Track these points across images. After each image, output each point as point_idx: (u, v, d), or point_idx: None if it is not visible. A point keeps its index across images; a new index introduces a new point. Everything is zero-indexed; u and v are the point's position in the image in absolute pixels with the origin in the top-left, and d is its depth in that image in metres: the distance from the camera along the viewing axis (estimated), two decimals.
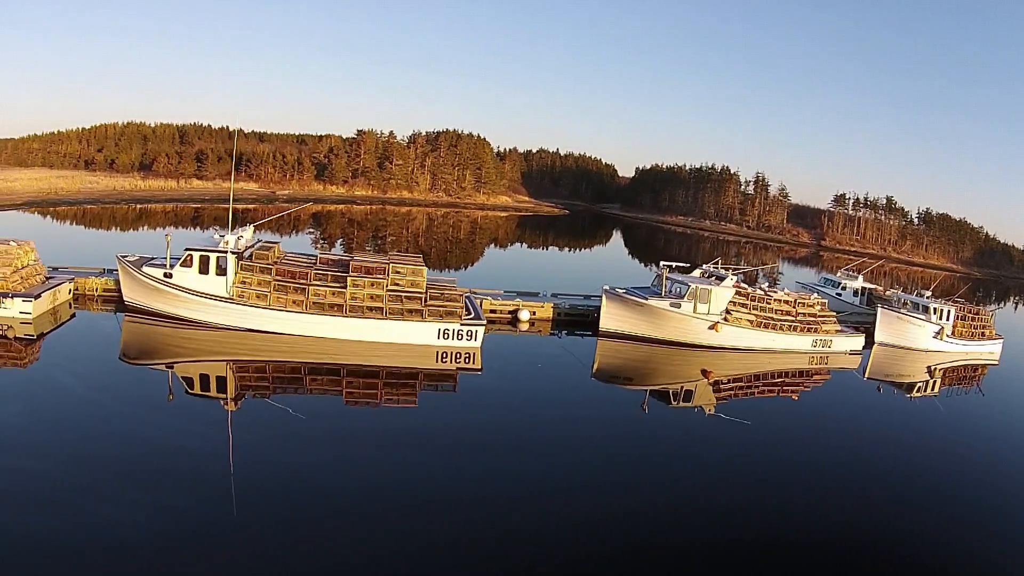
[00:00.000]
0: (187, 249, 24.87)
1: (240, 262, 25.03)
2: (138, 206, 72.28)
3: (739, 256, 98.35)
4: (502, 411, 21.37)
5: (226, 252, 24.75)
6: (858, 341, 33.72)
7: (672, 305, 29.69)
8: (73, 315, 26.53)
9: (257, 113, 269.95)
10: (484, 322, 26.56)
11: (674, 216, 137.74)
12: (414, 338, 25.58)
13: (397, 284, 25.62)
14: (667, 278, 31.46)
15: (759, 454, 19.87)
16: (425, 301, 25.71)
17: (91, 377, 20.49)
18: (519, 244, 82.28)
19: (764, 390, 27.31)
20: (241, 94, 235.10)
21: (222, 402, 20.23)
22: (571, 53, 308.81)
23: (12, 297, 24.46)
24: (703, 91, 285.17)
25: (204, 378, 22.16)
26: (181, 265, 24.68)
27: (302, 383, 22.41)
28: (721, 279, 31.67)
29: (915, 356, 35.26)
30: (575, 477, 16.87)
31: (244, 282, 24.75)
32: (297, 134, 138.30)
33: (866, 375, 31.46)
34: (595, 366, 27.66)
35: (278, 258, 26.37)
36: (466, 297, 28.23)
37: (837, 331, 33.20)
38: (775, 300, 32.36)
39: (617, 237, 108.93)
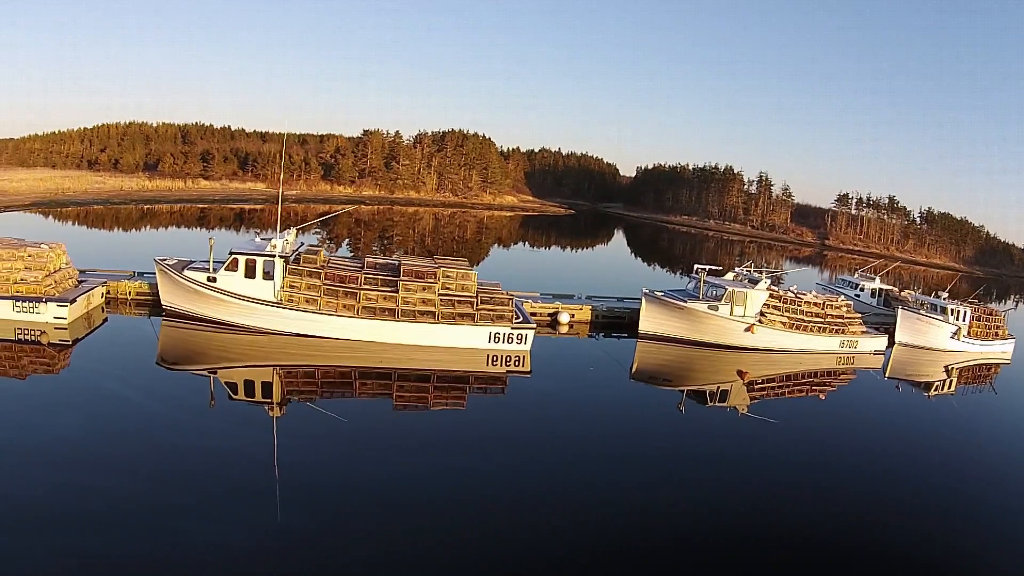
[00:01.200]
0: (232, 252, 24.54)
1: (288, 266, 24.79)
2: (149, 206, 71.88)
3: (743, 256, 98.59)
4: (548, 413, 21.55)
5: (274, 256, 24.44)
6: (882, 342, 34.36)
7: (710, 308, 30.23)
8: (106, 319, 26.18)
9: (258, 113, 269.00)
10: (534, 326, 26.66)
11: (678, 216, 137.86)
12: (465, 342, 25.60)
13: (448, 288, 25.62)
14: (705, 281, 31.86)
15: (784, 454, 20.24)
16: (476, 305, 25.74)
17: (139, 384, 20.23)
18: (532, 245, 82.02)
19: (794, 390, 27.79)
20: (241, 94, 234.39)
21: (267, 407, 20.02)
22: (572, 52, 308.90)
23: (46, 302, 24.08)
24: (704, 91, 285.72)
25: (248, 383, 21.90)
26: (226, 269, 24.36)
27: (351, 388, 22.27)
28: (755, 282, 32.19)
29: (933, 356, 35.97)
30: (615, 476, 17.12)
31: (293, 286, 24.51)
32: (298, 134, 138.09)
33: (886, 374, 32.14)
34: (634, 367, 27.99)
35: (325, 262, 26.13)
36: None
37: (862, 332, 33.84)
38: (805, 302, 32.90)
39: (625, 237, 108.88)
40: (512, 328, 25.77)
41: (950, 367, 34.75)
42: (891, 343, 35.98)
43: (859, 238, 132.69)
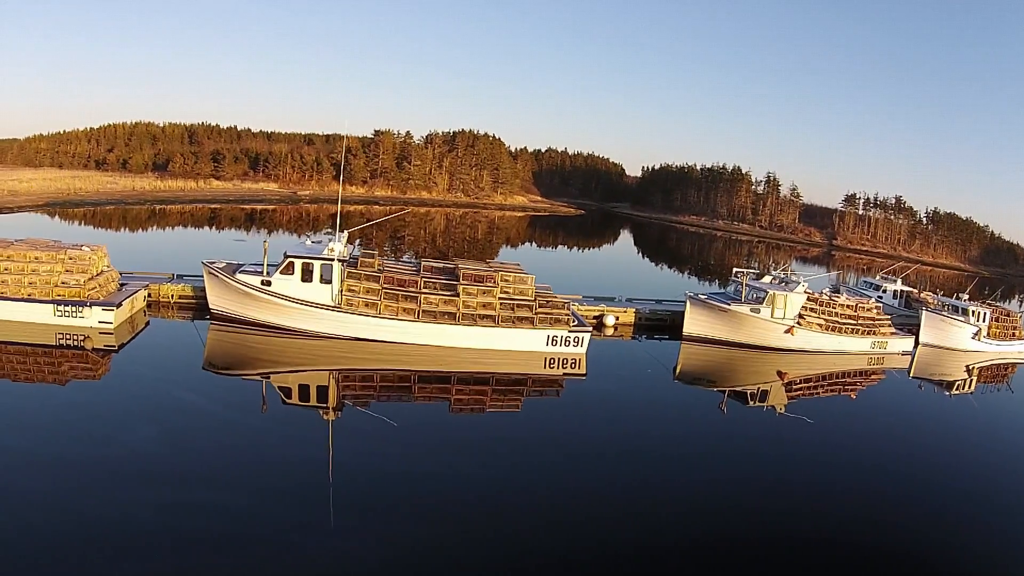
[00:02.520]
0: (288, 256, 24.20)
1: (346, 270, 24.56)
2: (165, 206, 71.40)
3: (752, 256, 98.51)
4: (602, 414, 21.89)
5: (332, 260, 24.14)
6: (909, 342, 35.22)
7: (752, 310, 30.96)
8: (147, 323, 25.80)
9: (259, 112, 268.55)
10: (590, 329, 26.96)
11: (687, 216, 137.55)
12: (524, 345, 25.72)
13: (506, 292, 25.71)
14: (747, 284, 32.59)
15: (818, 455, 20.72)
16: (535, 309, 25.89)
17: (195, 390, 19.96)
18: (546, 246, 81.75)
19: (828, 390, 28.48)
20: (247, 94, 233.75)
21: (322, 412, 19.86)
22: (577, 52, 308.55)
23: (90, 306, 23.61)
24: (711, 91, 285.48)
25: (304, 388, 21.67)
26: (281, 272, 24.02)
27: (410, 391, 22.25)
28: (788, 284, 33.06)
29: (955, 356, 36.90)
30: (662, 476, 17.53)
31: (351, 290, 24.29)
32: (304, 133, 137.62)
33: (911, 374, 33.00)
34: (679, 369, 28.56)
35: (380, 265, 26.01)
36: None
37: (892, 333, 34.73)
38: (839, 305, 33.58)
39: (637, 237, 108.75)
40: (569, 331, 25.96)
41: (971, 367, 35.63)
42: (915, 343, 36.80)
43: (867, 238, 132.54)
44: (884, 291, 46.76)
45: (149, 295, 27.27)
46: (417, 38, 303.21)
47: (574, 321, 26.75)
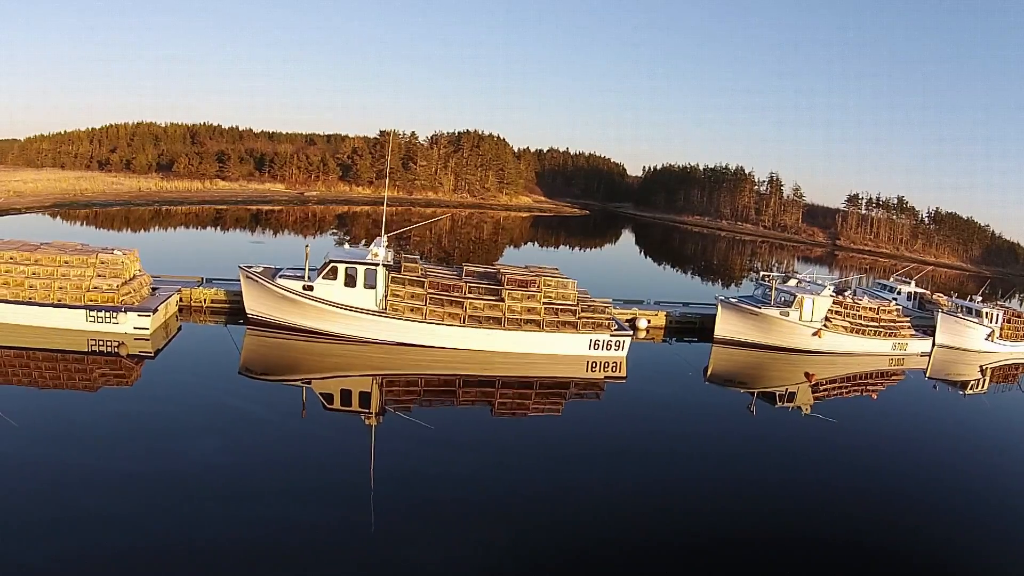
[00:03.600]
0: (331, 261, 23.98)
1: (390, 274, 24.45)
2: (173, 207, 70.90)
3: (755, 256, 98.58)
4: (641, 416, 22.15)
5: (376, 265, 23.95)
6: (927, 344, 35.95)
7: (781, 313, 31.46)
8: (179, 328, 25.44)
9: (262, 113, 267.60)
10: (631, 333, 27.22)
11: (690, 216, 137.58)
12: (567, 349, 25.78)
13: (549, 296, 25.80)
14: (776, 288, 33.14)
15: (841, 455, 20.97)
16: (577, 313, 25.95)
17: (248, 396, 19.80)
18: (560, 247, 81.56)
19: (851, 390, 28.93)
20: (246, 94, 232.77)
21: (364, 417, 19.74)
22: (578, 51, 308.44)
23: (125, 311, 23.16)
24: (711, 90, 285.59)
25: (346, 393, 21.53)
26: (324, 277, 23.77)
27: (454, 396, 22.31)
28: (814, 288, 33.59)
29: (969, 357, 37.47)
30: (697, 475, 17.83)
31: (396, 295, 24.17)
32: (305, 133, 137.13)
33: (927, 375, 33.60)
34: (712, 371, 28.99)
35: (424, 270, 25.97)
36: None
37: (911, 335, 35.33)
38: (863, 308, 34.13)
39: (643, 238, 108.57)
40: (611, 335, 26.11)
41: (984, 367, 36.30)
42: (932, 345, 37.43)
43: (869, 238, 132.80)
44: (899, 293, 47.04)
45: (181, 300, 26.86)
46: (417, 39, 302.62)
47: (614, 325, 26.86)
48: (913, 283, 47.93)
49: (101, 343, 22.46)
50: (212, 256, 43.26)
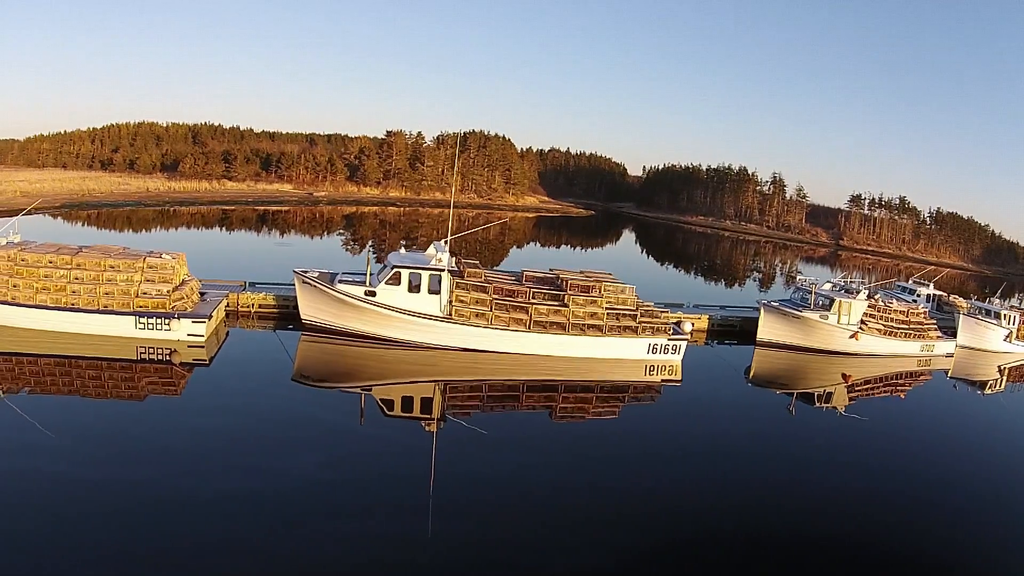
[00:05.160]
0: (395, 266, 23.66)
1: (455, 280, 24.29)
2: (186, 208, 70.14)
3: (759, 256, 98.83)
4: (696, 418, 22.60)
5: (441, 270, 23.70)
6: (952, 345, 37.14)
7: (821, 317, 32.20)
8: (227, 334, 24.92)
9: (262, 113, 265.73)
10: (687, 337, 27.43)
11: (694, 216, 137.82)
12: (627, 353, 26.04)
13: (609, 301, 26.00)
14: (816, 293, 33.92)
15: (873, 455, 21.38)
16: (638, 318, 26.23)
17: (312, 403, 19.45)
18: (572, 247, 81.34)
19: (883, 390, 29.85)
20: (247, 94, 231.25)
21: (424, 423, 19.51)
22: (579, 51, 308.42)
23: (179, 318, 22.61)
24: (713, 90, 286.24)
25: (407, 400, 21.23)
26: (387, 283, 23.44)
27: (516, 400, 22.32)
28: (850, 291, 34.47)
29: (988, 357, 38.65)
30: (743, 475, 18.04)
31: (461, 300, 24.03)
32: (306, 133, 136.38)
33: (948, 374, 34.47)
34: (752, 372, 29.57)
35: (487, 276, 25.95)
36: None
37: (937, 337, 36.46)
38: (894, 311, 35.22)
39: (650, 239, 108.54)
40: (668, 339, 26.44)
41: (1002, 367, 37.47)
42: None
43: (872, 238, 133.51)
44: (918, 295, 47.77)
45: (228, 305, 26.33)
46: (418, 39, 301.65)
47: (671, 329, 27.07)
48: (932, 285, 48.97)
49: (152, 351, 21.81)
50: (242, 258, 42.69)
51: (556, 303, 25.30)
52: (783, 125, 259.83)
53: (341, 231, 72.24)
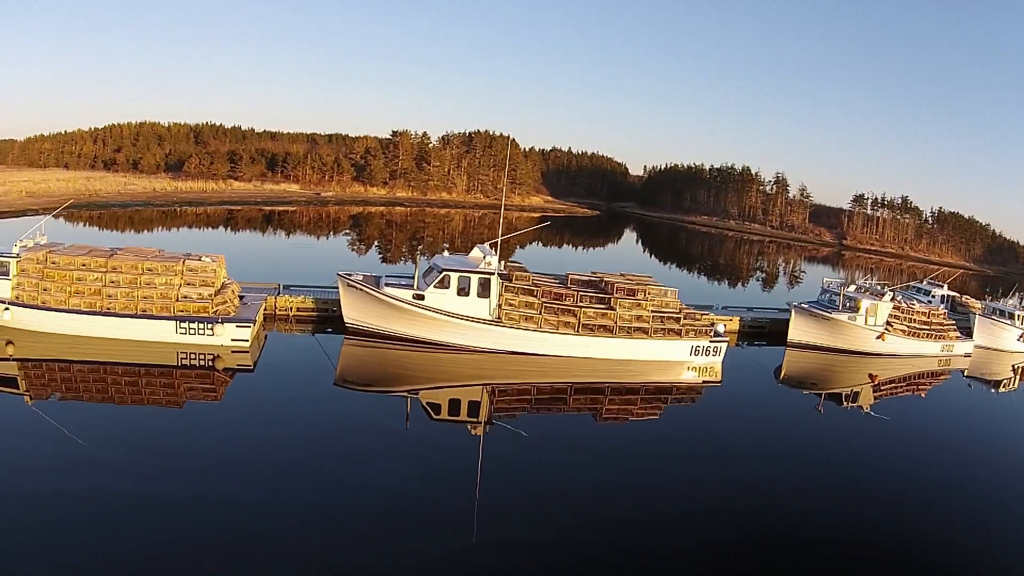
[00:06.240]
0: (444, 270, 23.51)
1: (503, 283, 24.30)
2: (195, 208, 69.61)
3: (762, 256, 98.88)
4: (735, 418, 22.81)
5: (491, 274, 23.56)
6: (970, 345, 37.81)
7: (850, 318, 32.68)
8: (265, 338, 24.54)
9: (262, 113, 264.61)
10: (727, 339, 27.78)
11: (697, 216, 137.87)
12: (671, 355, 26.37)
13: (655, 305, 26.26)
14: (844, 295, 34.39)
15: (891, 448, 21.94)
16: (681, 320, 26.49)
17: (359, 406, 19.23)
18: (581, 247, 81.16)
19: (905, 389, 30.35)
20: (247, 94, 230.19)
21: (471, 427, 19.31)
22: (581, 51, 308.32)
23: (222, 322, 22.17)
24: (715, 90, 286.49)
25: (454, 403, 21.12)
26: (435, 286, 23.24)
27: (565, 403, 22.39)
28: (875, 294, 35.06)
29: (1003, 357, 39.36)
30: (774, 472, 18.39)
31: (510, 304, 24.07)
32: (307, 133, 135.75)
33: (964, 374, 35.05)
34: (784, 373, 30.03)
35: (534, 279, 25.96)
36: None
37: (956, 337, 37.19)
38: (916, 312, 35.91)
39: (657, 240, 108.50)
40: (710, 341, 26.77)
41: (1016, 367, 38.00)
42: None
43: (875, 238, 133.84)
44: (932, 296, 48.03)
45: (265, 308, 25.97)
46: (418, 39, 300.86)
47: (712, 331, 27.22)
48: (945, 287, 49.17)
49: (194, 356, 21.35)
50: (265, 260, 42.25)
51: (603, 306, 25.48)
52: (786, 125, 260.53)
53: (347, 231, 71.91)
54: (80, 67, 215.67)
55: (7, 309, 21.71)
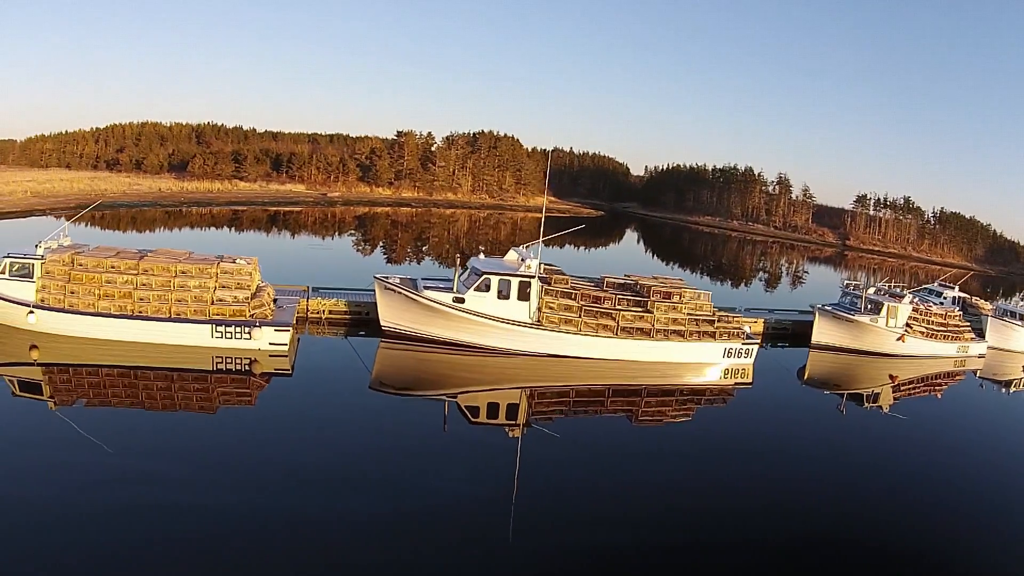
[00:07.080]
0: (484, 273, 23.48)
1: (543, 286, 24.38)
2: (202, 208, 69.32)
3: (765, 256, 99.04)
4: (765, 420, 23.07)
5: (531, 277, 23.59)
6: (983, 346, 38.65)
7: (872, 320, 33.30)
8: (298, 341, 24.30)
9: (262, 113, 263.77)
10: (757, 342, 28.08)
11: (701, 216, 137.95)
12: (706, 358, 26.75)
13: (690, 308, 26.60)
14: (866, 298, 34.85)
15: (912, 452, 22.13)
16: (715, 323, 26.90)
17: (394, 410, 19.14)
18: (589, 248, 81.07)
19: (923, 390, 30.87)
20: (247, 93, 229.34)
21: (508, 429, 19.25)
22: (582, 51, 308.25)
23: (260, 326, 21.86)
24: (717, 91, 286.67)
25: (492, 406, 21.18)
26: (475, 289, 23.19)
27: (602, 405, 22.66)
28: (895, 296, 35.64)
29: (1015, 358, 40.03)
30: (799, 473, 18.51)
31: (549, 307, 24.21)
32: (308, 133, 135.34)
33: (978, 374, 35.67)
34: (807, 374, 30.47)
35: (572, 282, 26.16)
36: None
37: (971, 338, 38.02)
38: (934, 314, 36.80)
39: (663, 240, 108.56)
40: (743, 343, 27.16)
41: None
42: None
43: (877, 238, 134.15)
44: (944, 298, 48.34)
45: (298, 311, 25.78)
46: (418, 39, 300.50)
47: (744, 334, 27.46)
48: (957, 288, 49.61)
49: (230, 360, 21.05)
50: (283, 261, 41.99)
51: (641, 309, 25.72)
52: (788, 125, 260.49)
53: (352, 232, 71.74)
54: (80, 67, 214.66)
55: (31, 312, 21.31)
